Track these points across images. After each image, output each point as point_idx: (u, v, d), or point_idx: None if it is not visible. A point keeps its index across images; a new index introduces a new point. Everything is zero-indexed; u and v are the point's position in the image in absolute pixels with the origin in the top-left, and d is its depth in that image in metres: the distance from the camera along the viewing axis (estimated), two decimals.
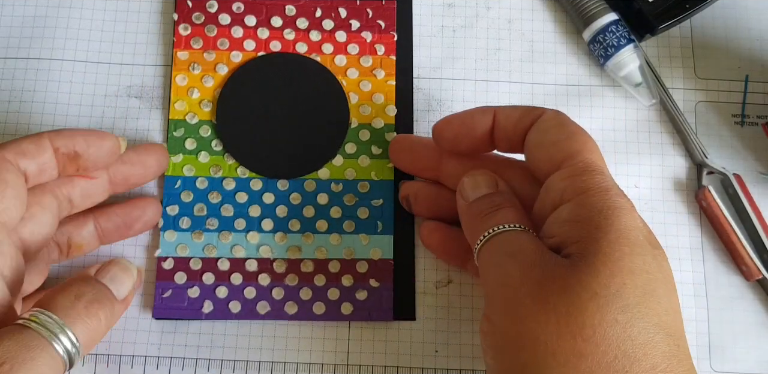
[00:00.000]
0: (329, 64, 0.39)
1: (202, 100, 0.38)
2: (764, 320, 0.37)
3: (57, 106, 0.38)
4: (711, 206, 0.37)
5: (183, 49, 0.39)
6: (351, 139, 0.38)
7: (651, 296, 0.26)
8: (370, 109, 0.38)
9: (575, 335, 0.25)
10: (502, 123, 0.32)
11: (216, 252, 0.36)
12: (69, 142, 0.31)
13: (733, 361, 0.36)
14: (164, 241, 0.36)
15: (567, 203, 0.28)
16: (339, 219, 0.37)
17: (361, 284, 0.36)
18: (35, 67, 0.39)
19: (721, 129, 0.39)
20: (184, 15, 0.39)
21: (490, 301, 0.28)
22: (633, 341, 0.25)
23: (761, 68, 0.40)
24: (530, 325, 0.25)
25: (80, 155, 0.31)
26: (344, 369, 0.35)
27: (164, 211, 0.37)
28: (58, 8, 0.40)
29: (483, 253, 0.29)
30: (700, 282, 0.37)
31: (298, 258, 0.36)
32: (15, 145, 0.30)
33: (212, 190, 0.37)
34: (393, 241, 0.37)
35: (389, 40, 0.40)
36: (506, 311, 0.27)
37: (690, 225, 0.38)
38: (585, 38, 0.39)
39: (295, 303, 0.36)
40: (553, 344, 0.25)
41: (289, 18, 0.40)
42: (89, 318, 0.27)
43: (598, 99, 0.40)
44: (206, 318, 0.35)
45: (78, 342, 0.27)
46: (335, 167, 0.38)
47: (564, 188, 0.28)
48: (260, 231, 0.37)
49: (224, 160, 0.37)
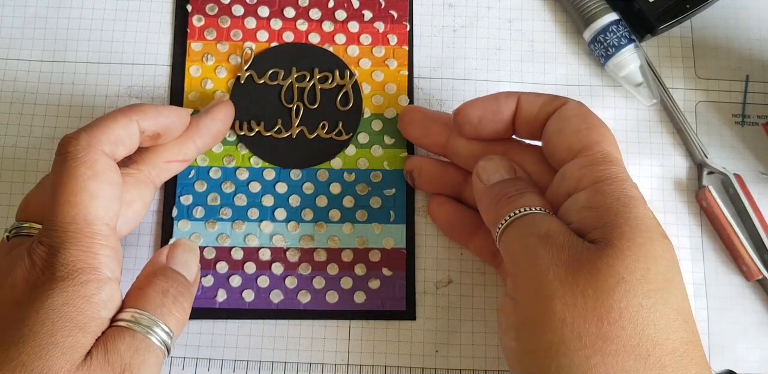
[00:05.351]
0: (342, 54, 0.39)
1: (215, 91, 0.38)
2: (764, 320, 0.37)
3: (59, 108, 0.39)
4: (711, 206, 0.37)
5: (197, 40, 0.39)
6: (364, 129, 0.38)
7: (671, 282, 0.26)
8: (382, 99, 0.39)
9: (602, 318, 0.25)
10: (525, 108, 0.32)
11: (229, 242, 0.37)
12: (153, 123, 0.32)
13: (733, 361, 0.36)
14: (178, 231, 0.37)
15: (583, 191, 0.29)
16: (351, 208, 0.37)
17: (373, 273, 0.36)
18: (37, 68, 0.39)
19: (721, 129, 0.39)
20: (197, 6, 0.39)
21: (515, 281, 0.29)
22: (656, 325, 0.25)
23: (761, 68, 0.40)
24: (558, 306, 0.26)
25: (161, 136, 0.33)
26: (344, 369, 0.35)
27: (178, 201, 0.37)
28: (58, 8, 0.40)
29: (508, 234, 0.29)
30: (700, 282, 0.37)
31: (311, 247, 0.37)
32: (106, 131, 0.30)
33: (226, 180, 0.37)
34: (405, 231, 0.37)
35: (402, 31, 0.40)
36: (533, 291, 0.27)
37: (690, 225, 0.38)
38: (585, 38, 0.39)
39: (308, 292, 0.36)
40: (580, 326, 0.25)
41: (302, 9, 0.40)
42: (177, 310, 0.29)
43: (598, 99, 0.40)
44: (220, 307, 0.36)
45: (172, 332, 0.28)
46: (348, 157, 0.38)
47: (581, 176, 0.29)
48: (273, 220, 0.37)
49: (237, 150, 0.38)
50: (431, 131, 0.36)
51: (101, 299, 0.27)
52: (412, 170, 0.37)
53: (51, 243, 0.27)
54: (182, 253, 0.31)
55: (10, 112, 0.38)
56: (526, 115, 0.32)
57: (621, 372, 0.25)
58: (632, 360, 0.25)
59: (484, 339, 0.36)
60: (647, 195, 0.38)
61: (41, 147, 0.38)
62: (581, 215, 0.28)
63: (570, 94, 0.39)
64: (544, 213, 0.29)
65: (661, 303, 0.26)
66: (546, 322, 0.26)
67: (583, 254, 0.26)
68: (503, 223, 0.30)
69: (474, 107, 0.33)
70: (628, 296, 0.25)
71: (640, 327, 0.25)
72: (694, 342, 0.26)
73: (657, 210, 0.38)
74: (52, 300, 0.26)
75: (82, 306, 0.26)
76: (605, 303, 0.25)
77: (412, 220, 0.37)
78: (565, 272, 0.26)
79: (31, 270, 0.27)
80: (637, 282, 0.26)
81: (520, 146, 0.34)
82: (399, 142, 0.38)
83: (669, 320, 0.26)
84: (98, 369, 0.25)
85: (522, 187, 0.31)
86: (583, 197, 0.28)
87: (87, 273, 0.27)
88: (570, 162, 0.30)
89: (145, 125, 0.31)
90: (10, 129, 0.38)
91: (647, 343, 0.25)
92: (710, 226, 0.38)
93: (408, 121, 0.37)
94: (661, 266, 0.26)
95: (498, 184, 0.31)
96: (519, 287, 0.28)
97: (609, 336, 0.25)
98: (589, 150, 0.30)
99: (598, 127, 0.30)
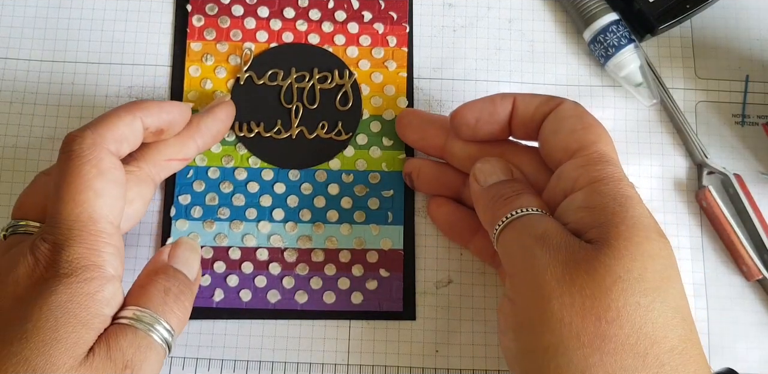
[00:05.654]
0: (341, 55, 0.39)
1: (214, 91, 0.38)
2: (764, 320, 0.37)
3: (59, 108, 0.39)
4: (711, 206, 0.37)
5: (196, 40, 0.39)
6: (362, 130, 0.38)
7: (668, 281, 0.26)
8: (381, 101, 0.39)
9: (600, 317, 0.25)
10: (521, 109, 0.32)
11: (227, 241, 0.37)
12: (156, 120, 0.32)
13: (733, 361, 0.36)
14: (176, 230, 0.37)
15: (580, 191, 0.29)
16: (350, 209, 0.37)
17: (371, 274, 0.36)
18: (37, 68, 0.39)
19: (721, 129, 0.39)
20: (197, 6, 0.40)
21: (513, 282, 0.29)
22: (653, 324, 0.25)
23: (761, 68, 0.40)
24: (556, 306, 0.26)
25: (164, 131, 0.33)
26: (344, 369, 0.35)
27: (176, 200, 0.37)
28: (58, 8, 0.40)
29: (505, 235, 0.29)
30: (700, 282, 0.37)
31: (308, 247, 0.37)
32: (111, 129, 0.30)
33: (224, 180, 0.37)
34: (403, 232, 0.37)
35: (401, 32, 0.40)
36: (531, 292, 0.27)
37: (690, 225, 0.38)
38: (585, 38, 0.39)
39: (305, 293, 0.36)
40: (578, 325, 0.25)
41: (302, 9, 0.40)
42: (179, 308, 0.29)
43: (598, 99, 0.40)
44: (217, 306, 0.36)
45: (173, 329, 0.28)
46: (346, 158, 0.38)
47: (577, 177, 0.29)
48: (271, 220, 0.37)
49: (236, 150, 0.38)
50: (428, 134, 0.36)
51: (104, 296, 0.27)
52: (410, 172, 0.37)
53: (55, 240, 0.27)
54: (184, 252, 0.31)
55: (10, 111, 0.38)
56: (522, 116, 0.32)
57: (620, 370, 0.25)
58: (631, 359, 0.25)
59: (484, 339, 0.36)
60: (647, 195, 0.38)
61: (41, 147, 0.38)
62: (578, 215, 0.28)
63: (570, 94, 0.39)
64: (541, 213, 0.29)
65: (658, 302, 0.26)
66: (544, 322, 0.26)
67: (580, 254, 0.27)
68: (500, 224, 0.30)
69: (470, 109, 0.33)
70: (626, 295, 0.25)
71: (638, 325, 0.25)
72: (693, 340, 0.26)
73: (657, 210, 0.38)
74: (55, 296, 0.26)
75: (86, 303, 0.26)
76: (603, 302, 0.25)
77: (411, 221, 0.37)
78: (563, 272, 0.26)
79: (35, 267, 0.27)
80: (634, 281, 0.26)
81: (516, 147, 0.34)
82: (397, 143, 0.38)
83: (667, 318, 0.26)
84: (100, 365, 0.26)
85: (518, 188, 0.31)
86: (580, 197, 0.29)
87: (91, 271, 0.27)
88: (566, 162, 0.30)
89: (148, 122, 0.31)
90: (10, 129, 0.38)
91: (645, 341, 0.25)
92: (710, 226, 0.38)
93: (405, 124, 0.37)
94: (658, 264, 0.26)
95: (495, 185, 0.31)
96: (517, 288, 0.28)
97: (607, 335, 0.25)
98: (585, 150, 0.30)
99: (594, 127, 0.30)
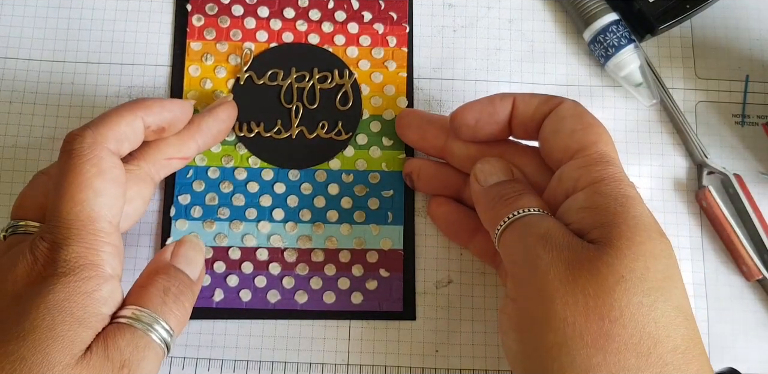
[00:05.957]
0: (341, 55, 0.39)
1: (214, 91, 0.38)
2: (764, 320, 0.37)
3: (59, 108, 0.39)
4: (711, 206, 0.37)
5: (196, 40, 0.39)
6: (362, 130, 0.38)
7: (671, 280, 0.27)
8: (381, 101, 0.39)
9: (603, 317, 0.25)
10: (520, 109, 0.32)
11: (227, 241, 0.37)
12: (158, 118, 0.32)
13: (733, 361, 0.36)
14: (176, 230, 0.37)
15: (581, 191, 0.29)
16: (349, 209, 0.37)
17: (371, 274, 0.36)
18: (37, 68, 0.39)
19: (721, 129, 0.39)
20: (197, 6, 0.40)
21: (515, 282, 0.29)
22: (656, 323, 0.25)
23: (761, 68, 0.40)
24: (559, 306, 0.26)
25: (165, 129, 0.33)
26: (344, 369, 0.35)
27: (176, 200, 0.37)
28: (58, 8, 0.40)
29: (507, 235, 0.29)
30: (700, 282, 0.37)
31: (308, 247, 0.37)
32: (112, 127, 0.30)
33: (224, 180, 0.37)
34: (403, 232, 0.37)
35: (401, 32, 0.40)
36: (533, 292, 0.27)
37: (690, 226, 0.38)
38: (585, 38, 0.39)
39: (305, 293, 0.36)
40: (581, 325, 0.25)
41: (302, 9, 0.40)
42: (178, 309, 0.29)
43: (598, 99, 0.40)
44: (217, 307, 0.36)
45: (172, 330, 0.28)
46: (346, 158, 0.38)
47: (578, 177, 0.29)
48: (271, 220, 0.37)
49: (236, 150, 0.38)
50: (428, 134, 0.36)
51: (102, 295, 0.27)
52: (411, 172, 0.37)
53: (54, 239, 0.27)
54: (187, 251, 0.31)
55: (10, 111, 0.38)
56: (522, 116, 0.32)
57: (623, 370, 0.25)
58: (634, 358, 0.25)
59: (484, 339, 0.36)
60: (647, 195, 0.38)
61: (41, 147, 0.38)
62: (579, 215, 0.28)
63: (570, 94, 0.39)
64: (543, 214, 0.29)
65: (661, 301, 0.26)
66: (547, 322, 0.26)
67: (583, 254, 0.27)
68: (502, 225, 0.30)
69: (470, 110, 0.33)
70: (628, 294, 0.25)
71: (640, 325, 0.25)
72: (695, 339, 0.26)
73: (657, 210, 0.38)
74: (53, 295, 0.26)
75: (83, 301, 0.26)
76: (606, 302, 0.25)
77: (411, 221, 0.37)
78: (565, 272, 0.26)
79: (33, 265, 0.27)
80: (636, 281, 0.26)
81: (516, 147, 0.34)
82: (397, 143, 0.38)
83: (669, 317, 0.26)
84: (97, 363, 0.25)
85: (519, 188, 0.31)
86: (581, 198, 0.29)
87: (89, 270, 0.27)
88: (567, 163, 0.30)
89: (150, 120, 0.31)
90: (10, 129, 0.38)
91: (648, 341, 0.25)
92: (710, 226, 0.38)
93: (405, 124, 0.37)
94: (660, 264, 0.26)
95: (495, 185, 0.31)
96: (519, 288, 0.28)
97: (610, 335, 0.25)
98: (585, 150, 0.30)
99: (594, 127, 0.30)
